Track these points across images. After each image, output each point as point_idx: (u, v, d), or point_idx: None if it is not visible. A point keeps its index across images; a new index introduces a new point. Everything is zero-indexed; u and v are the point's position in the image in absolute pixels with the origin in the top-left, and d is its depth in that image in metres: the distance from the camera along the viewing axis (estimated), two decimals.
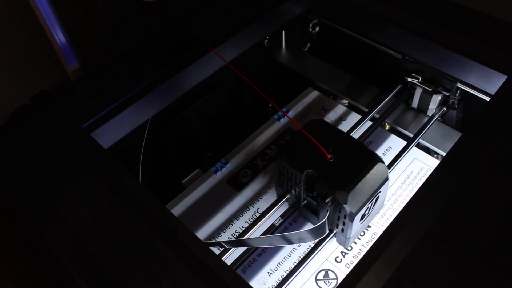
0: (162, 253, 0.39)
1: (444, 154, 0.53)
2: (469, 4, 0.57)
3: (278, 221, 0.50)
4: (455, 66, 0.53)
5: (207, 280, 0.37)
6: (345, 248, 0.48)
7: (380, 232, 0.49)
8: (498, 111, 0.47)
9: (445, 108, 0.57)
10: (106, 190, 0.44)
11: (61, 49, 0.54)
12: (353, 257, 0.48)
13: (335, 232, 0.47)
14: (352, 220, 0.44)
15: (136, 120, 0.53)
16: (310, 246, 0.49)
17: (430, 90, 0.56)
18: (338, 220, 0.45)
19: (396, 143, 0.57)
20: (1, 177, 0.47)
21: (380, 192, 0.46)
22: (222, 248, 0.45)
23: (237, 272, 0.44)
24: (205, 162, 0.62)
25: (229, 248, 0.45)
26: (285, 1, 0.62)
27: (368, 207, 0.45)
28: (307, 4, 0.65)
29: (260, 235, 0.49)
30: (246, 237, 0.46)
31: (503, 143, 0.44)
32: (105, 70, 0.55)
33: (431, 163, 0.55)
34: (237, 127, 0.62)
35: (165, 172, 0.61)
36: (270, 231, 0.50)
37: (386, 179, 0.45)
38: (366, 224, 0.49)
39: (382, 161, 0.45)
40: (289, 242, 0.46)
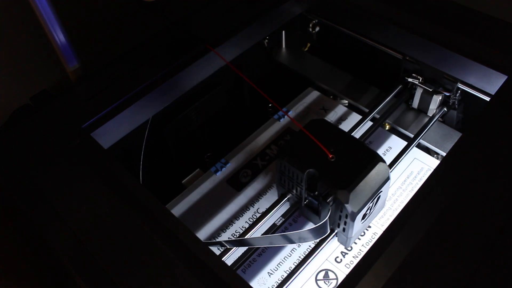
0: (162, 253, 0.39)
1: (444, 154, 0.53)
2: (469, 4, 0.57)
3: (279, 221, 0.50)
4: (455, 66, 0.53)
5: (207, 280, 0.37)
6: (346, 248, 0.48)
7: (380, 232, 0.49)
8: (498, 111, 0.47)
9: (446, 109, 0.57)
10: (106, 190, 0.44)
11: (61, 49, 0.54)
12: (353, 257, 0.48)
13: (337, 232, 0.47)
14: (354, 220, 0.44)
15: (136, 120, 0.53)
16: (310, 246, 0.49)
17: (431, 91, 0.56)
18: (340, 220, 0.45)
19: (396, 143, 0.57)
20: (1, 177, 0.47)
21: (382, 192, 0.46)
22: (223, 248, 0.45)
23: (237, 272, 0.44)
24: (205, 162, 0.62)
25: (230, 248, 0.45)
26: (285, 1, 0.62)
27: (370, 207, 0.45)
28: (307, 4, 0.65)
29: (261, 235, 0.49)
30: (247, 237, 0.46)
31: (503, 143, 0.44)
32: (105, 70, 0.55)
33: (431, 163, 0.55)
34: (237, 127, 0.62)
35: (165, 172, 0.61)
36: (271, 231, 0.50)
37: (388, 179, 0.45)
38: (368, 224, 0.49)
39: (384, 161, 0.45)
40: (290, 242, 0.46)
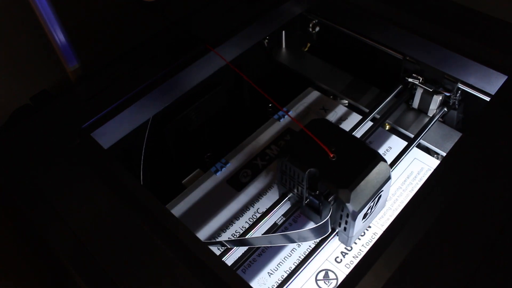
0: (162, 253, 0.39)
1: (444, 154, 0.53)
2: (469, 4, 0.57)
3: (280, 220, 0.50)
4: (456, 67, 0.53)
5: (207, 281, 0.37)
6: (347, 247, 0.48)
7: (380, 232, 0.49)
8: (498, 111, 0.47)
9: (446, 109, 0.57)
10: (106, 190, 0.44)
11: (61, 49, 0.54)
12: (353, 257, 0.48)
13: (338, 231, 0.47)
14: (355, 219, 0.44)
15: (136, 120, 0.53)
16: (310, 247, 0.49)
17: (431, 91, 0.56)
18: (341, 219, 0.45)
19: (397, 144, 0.57)
20: (1, 177, 0.47)
21: (383, 191, 0.46)
22: (224, 248, 0.45)
23: (238, 273, 0.44)
24: (205, 162, 0.62)
25: (230, 248, 0.45)
26: (285, 1, 0.62)
27: (371, 206, 0.45)
28: (307, 4, 0.65)
29: (262, 235, 0.48)
30: (248, 236, 0.46)
31: (503, 143, 0.44)
32: (105, 70, 0.55)
33: (431, 163, 0.54)
34: (237, 127, 0.62)
35: (165, 172, 0.61)
36: (272, 231, 0.49)
37: (389, 178, 0.45)
38: (369, 223, 0.49)
39: (385, 160, 0.45)
40: (291, 241, 0.46)
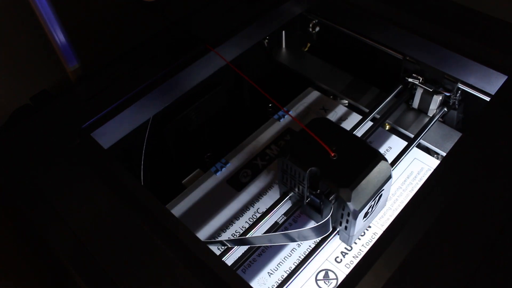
0: (162, 253, 0.39)
1: (444, 154, 0.53)
2: (469, 4, 0.57)
3: (281, 219, 0.50)
4: (456, 67, 0.53)
5: (207, 281, 0.37)
6: (347, 247, 0.48)
7: (380, 232, 0.49)
8: (498, 111, 0.47)
9: (446, 109, 0.57)
10: (106, 190, 0.44)
11: (61, 49, 0.54)
12: (353, 257, 0.48)
13: (338, 230, 0.47)
14: (356, 218, 0.44)
15: (136, 120, 0.53)
16: (310, 246, 0.49)
17: (431, 91, 0.56)
18: (342, 218, 0.45)
19: (397, 143, 0.57)
20: (1, 177, 0.47)
21: (384, 190, 0.46)
22: (224, 247, 0.45)
23: (237, 273, 0.44)
24: (205, 162, 0.62)
25: (230, 248, 0.45)
26: (285, 1, 0.62)
27: (372, 205, 0.45)
28: (307, 4, 0.65)
29: (263, 234, 0.48)
30: (248, 236, 0.46)
31: (503, 143, 0.44)
32: (105, 70, 0.55)
33: (431, 163, 0.54)
34: (237, 127, 0.62)
35: (165, 172, 0.61)
36: (272, 230, 0.49)
37: (389, 177, 0.45)
38: (369, 222, 0.49)
39: (386, 159, 0.45)
40: (292, 240, 0.46)
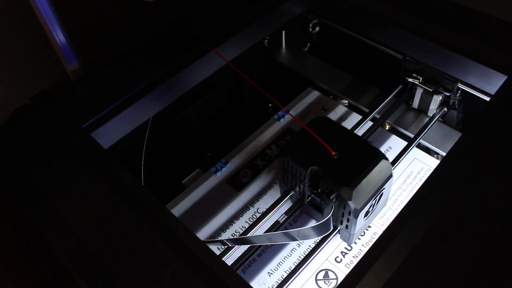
0: (162, 253, 0.39)
1: (444, 154, 0.53)
2: (469, 4, 0.57)
3: (282, 218, 0.50)
4: (456, 67, 0.53)
5: (207, 280, 0.37)
6: (347, 247, 0.48)
7: (380, 232, 0.49)
8: (498, 111, 0.47)
9: (446, 109, 0.57)
10: (106, 190, 0.44)
11: (61, 49, 0.54)
12: (353, 257, 0.48)
13: (339, 229, 0.47)
14: (357, 217, 0.44)
15: (136, 120, 0.53)
16: (310, 246, 0.49)
17: (431, 91, 0.56)
18: (343, 217, 0.45)
19: (397, 143, 0.57)
20: (1, 177, 0.47)
21: (384, 189, 0.46)
22: (224, 247, 0.45)
23: (237, 272, 0.44)
24: (205, 162, 0.62)
25: (230, 248, 0.45)
26: (285, 1, 0.62)
27: (372, 204, 0.45)
28: (307, 4, 0.65)
29: (263, 233, 0.48)
30: (250, 235, 0.46)
31: (503, 143, 0.44)
32: (105, 70, 0.55)
33: (431, 163, 0.54)
34: (237, 127, 0.62)
35: (165, 172, 0.61)
36: (273, 230, 0.49)
37: (390, 176, 0.45)
38: (370, 221, 0.49)
39: (386, 158, 0.46)
40: (293, 239, 0.46)
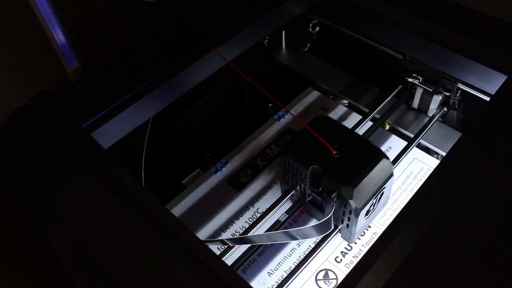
0: (162, 253, 0.39)
1: (444, 154, 0.53)
2: (469, 4, 0.57)
3: (283, 217, 0.50)
4: (456, 67, 0.53)
5: (207, 280, 0.37)
6: (347, 247, 0.48)
7: (380, 232, 0.49)
8: (498, 111, 0.47)
9: (446, 109, 0.57)
10: (106, 190, 0.44)
11: (61, 49, 0.54)
12: (353, 257, 0.48)
13: (340, 228, 0.47)
14: (357, 216, 0.44)
15: (136, 120, 0.53)
16: (310, 246, 0.49)
17: (431, 91, 0.56)
18: (343, 216, 0.45)
19: (396, 143, 0.57)
20: (1, 177, 0.47)
21: (385, 188, 0.46)
22: (225, 246, 0.45)
23: (237, 272, 0.44)
24: (205, 162, 0.62)
25: (230, 248, 0.45)
26: (285, 1, 0.62)
27: (373, 203, 0.45)
28: (307, 4, 0.65)
29: (264, 232, 0.48)
30: (250, 234, 0.46)
31: (503, 143, 0.44)
32: (105, 70, 0.55)
33: (431, 163, 0.54)
34: (237, 127, 0.62)
35: (165, 172, 0.61)
36: (273, 229, 0.49)
37: (391, 175, 0.45)
38: (371, 220, 0.49)
39: (387, 157, 0.46)
40: (294, 239, 0.46)
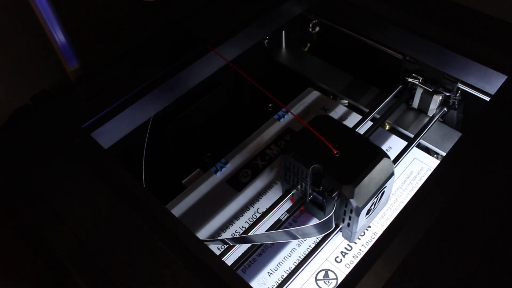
0: (162, 253, 0.39)
1: (444, 154, 0.53)
2: (469, 4, 0.57)
3: (284, 217, 0.50)
4: (456, 67, 0.53)
5: (207, 280, 0.37)
6: (347, 247, 0.48)
7: (380, 232, 0.49)
8: (498, 111, 0.47)
9: (446, 109, 0.57)
10: (106, 190, 0.44)
11: (61, 49, 0.54)
12: (353, 257, 0.48)
13: (341, 227, 0.47)
14: (358, 215, 0.44)
15: (136, 120, 0.53)
16: (310, 246, 0.49)
17: (431, 91, 0.56)
18: (344, 215, 0.45)
19: (396, 143, 0.57)
20: (1, 177, 0.47)
21: (386, 187, 0.46)
22: (225, 246, 0.45)
23: (237, 273, 0.44)
24: (205, 162, 0.62)
25: (230, 248, 0.45)
26: (285, 1, 0.62)
27: (374, 202, 0.45)
28: (307, 4, 0.65)
29: (265, 231, 0.48)
30: (251, 234, 0.46)
31: (503, 143, 0.44)
32: (105, 70, 0.55)
33: (431, 163, 0.54)
34: (237, 127, 0.62)
35: (165, 172, 0.61)
36: (274, 229, 0.49)
37: (392, 174, 0.45)
38: (372, 219, 0.49)
39: (388, 156, 0.46)
40: (295, 238, 0.46)
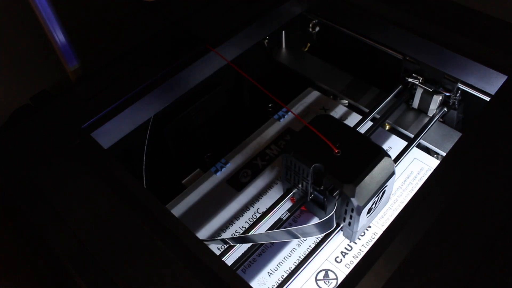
0: (162, 253, 0.39)
1: (444, 154, 0.53)
2: (469, 4, 0.57)
3: (285, 216, 0.50)
4: (456, 67, 0.53)
5: (207, 280, 0.37)
6: (347, 247, 0.48)
7: (380, 232, 0.49)
8: (498, 111, 0.47)
9: (446, 109, 0.57)
10: (106, 190, 0.44)
11: (61, 49, 0.54)
12: (353, 257, 0.48)
13: (342, 226, 0.47)
14: (359, 214, 0.44)
15: (136, 120, 0.53)
16: (311, 247, 0.49)
17: (431, 91, 0.56)
18: (345, 214, 0.45)
19: (397, 143, 0.57)
20: (1, 177, 0.47)
21: (387, 186, 0.46)
22: (226, 246, 0.45)
23: (237, 273, 0.44)
24: (205, 162, 0.62)
25: (230, 248, 0.45)
26: (285, 1, 0.62)
27: (375, 201, 0.45)
28: (307, 4, 0.65)
29: (266, 231, 0.48)
30: (251, 233, 0.46)
31: (503, 143, 0.44)
32: (105, 70, 0.55)
33: (431, 163, 0.54)
34: (237, 127, 0.62)
35: (165, 172, 0.61)
36: (275, 228, 0.49)
37: (393, 173, 0.46)
38: (373, 218, 0.49)
39: (389, 156, 0.46)
40: (296, 237, 0.46)
